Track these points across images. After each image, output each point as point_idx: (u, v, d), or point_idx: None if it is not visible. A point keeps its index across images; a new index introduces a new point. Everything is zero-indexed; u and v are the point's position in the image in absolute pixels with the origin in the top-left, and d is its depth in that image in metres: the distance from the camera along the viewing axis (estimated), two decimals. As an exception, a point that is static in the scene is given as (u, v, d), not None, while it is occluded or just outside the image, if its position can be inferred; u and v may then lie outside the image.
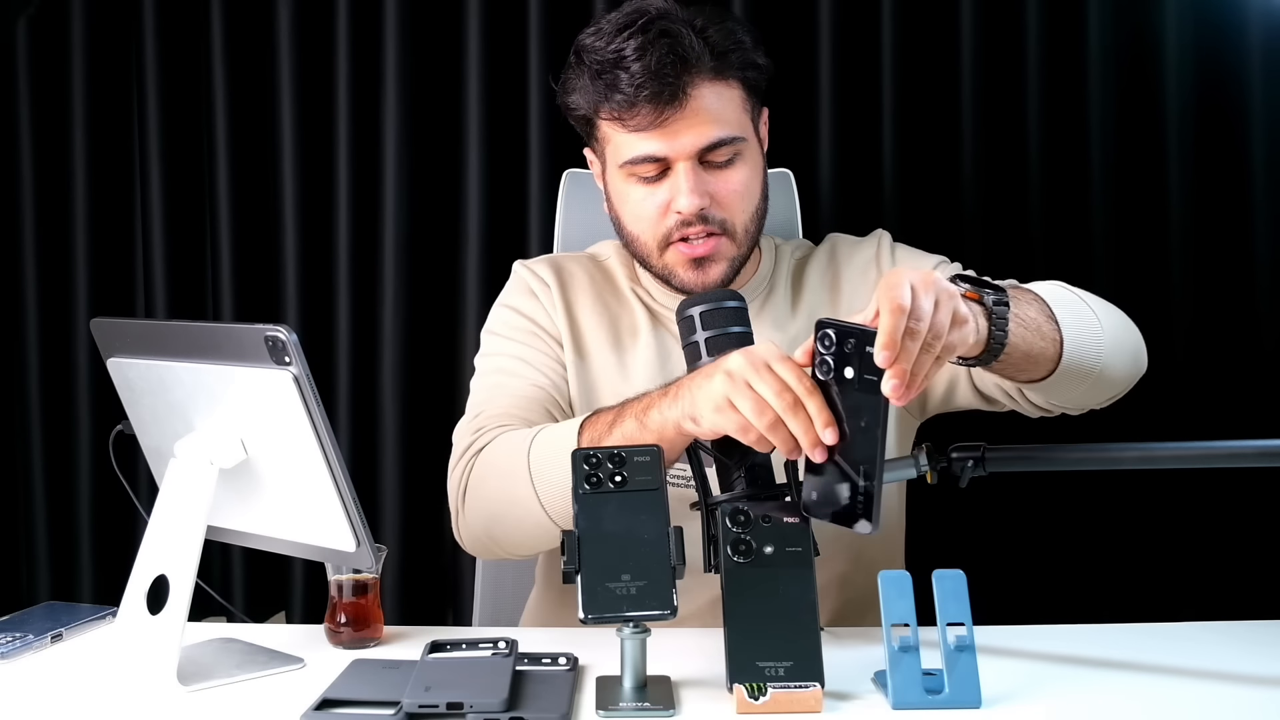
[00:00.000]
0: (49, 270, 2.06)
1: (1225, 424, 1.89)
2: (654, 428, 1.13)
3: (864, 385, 0.97)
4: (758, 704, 0.95)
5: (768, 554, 1.00)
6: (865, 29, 1.94)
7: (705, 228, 1.33)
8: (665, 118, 1.29)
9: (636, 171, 1.33)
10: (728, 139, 1.32)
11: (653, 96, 1.27)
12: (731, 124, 1.33)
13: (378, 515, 1.99)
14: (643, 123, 1.29)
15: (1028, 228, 1.94)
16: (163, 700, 1.05)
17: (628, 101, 1.29)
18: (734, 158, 1.34)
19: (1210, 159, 1.92)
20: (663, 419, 1.12)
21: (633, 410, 1.17)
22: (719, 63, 1.31)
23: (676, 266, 1.36)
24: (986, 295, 1.11)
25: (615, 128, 1.33)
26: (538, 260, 1.52)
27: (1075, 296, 1.28)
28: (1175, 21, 1.91)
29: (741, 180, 1.34)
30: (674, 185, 1.32)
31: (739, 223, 1.35)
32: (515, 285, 1.50)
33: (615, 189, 1.38)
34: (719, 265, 1.35)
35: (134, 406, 1.23)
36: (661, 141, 1.30)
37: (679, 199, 1.31)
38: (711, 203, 1.32)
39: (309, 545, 1.17)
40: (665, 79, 1.27)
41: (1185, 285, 1.93)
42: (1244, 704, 1.01)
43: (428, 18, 1.98)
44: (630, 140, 1.32)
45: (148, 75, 2.01)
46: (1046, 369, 1.21)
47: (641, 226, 1.36)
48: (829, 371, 1.00)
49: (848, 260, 1.47)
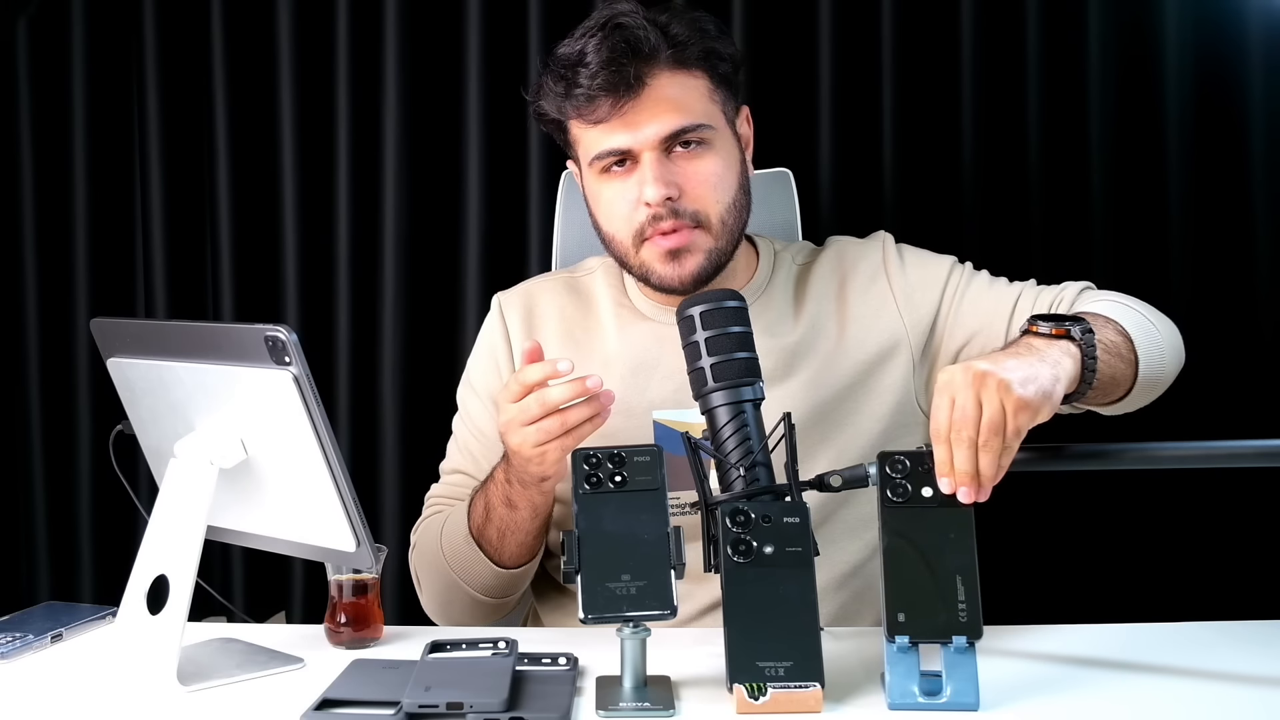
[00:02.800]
0: (49, 270, 2.06)
1: (1225, 424, 1.89)
2: (522, 503, 1.28)
3: (947, 501, 1.01)
4: (758, 704, 0.95)
5: (768, 554, 0.99)
6: (865, 29, 1.94)
7: (676, 221, 1.31)
8: (624, 107, 1.28)
9: (605, 166, 1.33)
10: (691, 126, 1.30)
11: (608, 86, 1.27)
12: (695, 112, 1.31)
13: (378, 515, 1.99)
14: (603, 114, 1.29)
15: (1028, 228, 1.94)
16: (163, 700, 1.05)
17: (586, 95, 1.29)
18: (701, 146, 1.32)
19: (1210, 159, 1.92)
20: (526, 495, 1.26)
21: (495, 496, 1.29)
22: (677, 51, 1.30)
23: (652, 262, 1.34)
24: (1073, 329, 1.13)
25: (581, 126, 1.33)
26: (511, 296, 1.50)
27: (1133, 310, 1.32)
28: (1175, 21, 1.91)
29: (711, 170, 1.32)
30: (640, 176, 1.31)
31: (713, 214, 1.32)
32: (482, 334, 1.50)
33: (591, 190, 1.37)
34: (694, 257, 1.32)
35: (134, 406, 1.23)
36: (624, 133, 1.30)
37: (645, 189, 1.30)
38: (680, 194, 1.30)
39: (309, 545, 1.17)
40: (620, 68, 1.27)
41: (1185, 285, 1.93)
42: (1244, 704, 1.01)
43: (428, 18, 1.98)
44: (595, 135, 1.32)
45: (148, 75, 2.01)
46: (1125, 390, 1.24)
47: (616, 225, 1.35)
48: (905, 495, 1.01)
49: (854, 267, 1.45)
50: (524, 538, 1.31)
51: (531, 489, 1.26)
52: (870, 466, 1.04)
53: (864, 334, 1.40)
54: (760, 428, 1.11)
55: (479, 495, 1.33)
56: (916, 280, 1.43)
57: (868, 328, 1.40)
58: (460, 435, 1.48)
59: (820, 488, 1.07)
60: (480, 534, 1.32)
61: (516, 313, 1.47)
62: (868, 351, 1.39)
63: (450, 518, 1.37)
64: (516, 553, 1.32)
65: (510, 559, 1.33)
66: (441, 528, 1.38)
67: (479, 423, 1.45)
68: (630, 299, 1.45)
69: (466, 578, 1.35)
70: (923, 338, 1.40)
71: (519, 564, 1.34)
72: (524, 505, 1.28)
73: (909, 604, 0.98)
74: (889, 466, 1.02)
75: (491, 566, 1.33)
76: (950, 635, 0.98)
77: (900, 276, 1.43)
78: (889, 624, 0.98)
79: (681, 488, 1.24)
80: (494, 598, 1.36)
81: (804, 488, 1.07)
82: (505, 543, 1.31)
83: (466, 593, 1.36)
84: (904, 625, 0.98)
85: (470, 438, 1.45)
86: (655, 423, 1.37)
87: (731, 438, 1.10)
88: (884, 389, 1.38)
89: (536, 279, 1.55)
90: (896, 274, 1.43)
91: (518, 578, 1.35)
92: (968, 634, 0.98)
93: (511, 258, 1.99)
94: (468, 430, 1.46)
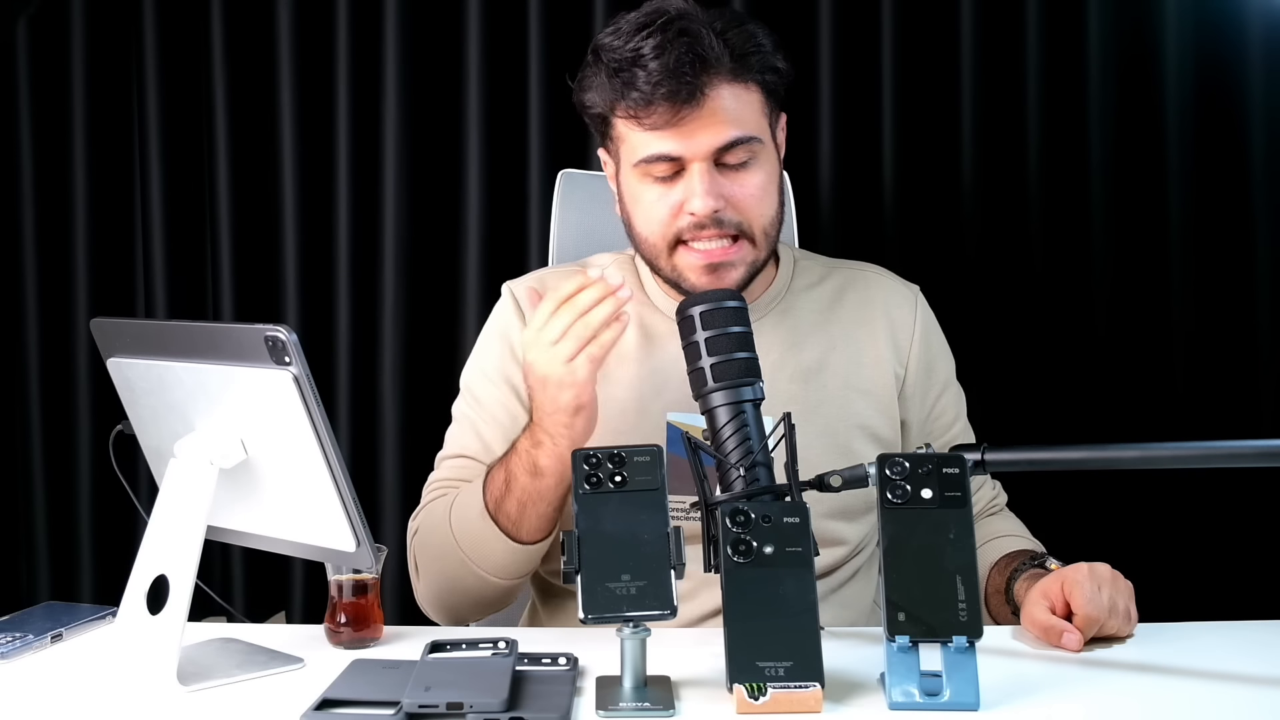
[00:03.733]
0: (49, 270, 2.06)
1: (1225, 424, 1.89)
2: (549, 468, 1.24)
3: (946, 502, 1.01)
4: (758, 704, 0.95)
5: (768, 554, 0.99)
6: (865, 30, 1.94)
7: (719, 231, 1.30)
8: (682, 117, 1.27)
9: (651, 171, 1.31)
10: (744, 139, 1.30)
11: (670, 95, 1.26)
12: (749, 125, 1.31)
13: (378, 515, 1.99)
14: (659, 121, 1.28)
15: (1028, 228, 1.94)
16: (163, 700, 1.05)
17: (644, 99, 1.27)
18: (750, 160, 1.31)
19: (1210, 159, 1.92)
20: (555, 452, 1.23)
21: (518, 466, 1.26)
22: (738, 65, 1.29)
23: (687, 270, 1.33)
24: None
25: (631, 126, 1.31)
26: (522, 284, 1.49)
27: None
28: (1175, 21, 1.91)
29: (758, 183, 1.32)
30: (688, 186, 1.30)
31: (757, 226, 1.32)
32: (493, 319, 1.49)
33: (628, 189, 1.36)
34: (736, 271, 1.32)
35: (134, 406, 1.23)
36: (677, 141, 1.28)
37: (693, 200, 1.29)
38: (727, 205, 1.30)
39: (309, 545, 1.17)
40: (683, 77, 1.26)
41: (1185, 285, 1.93)
42: (1244, 704, 1.01)
43: (428, 18, 1.98)
44: (645, 139, 1.30)
45: (148, 75, 2.01)
46: None
47: (652, 228, 1.34)
48: (905, 496, 1.01)
49: (891, 304, 1.47)
50: (545, 509, 1.28)
51: (563, 441, 1.22)
52: (870, 467, 1.04)
53: (875, 374, 1.43)
54: (760, 428, 1.11)
55: (497, 468, 1.30)
56: (931, 358, 1.47)
57: (882, 371, 1.43)
58: (466, 417, 1.45)
59: (820, 488, 1.07)
60: (498, 508, 1.28)
61: (529, 296, 1.46)
62: (871, 389, 1.42)
63: (460, 497, 1.34)
64: (536, 525, 1.28)
65: (529, 533, 1.29)
66: (450, 507, 1.34)
67: (489, 406, 1.42)
68: (649, 296, 1.44)
69: (477, 557, 1.31)
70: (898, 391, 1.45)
71: (536, 538, 1.30)
72: (551, 470, 1.24)
73: (909, 604, 0.98)
74: (888, 468, 1.02)
75: (507, 542, 1.29)
76: (950, 635, 0.98)
77: (923, 344, 1.47)
78: (889, 624, 0.98)
79: (689, 492, 1.24)
80: (504, 579, 1.32)
81: (804, 488, 1.07)
82: (525, 514, 1.27)
83: (475, 574, 1.31)
84: (904, 625, 0.98)
85: (479, 419, 1.43)
86: (669, 424, 1.36)
87: (731, 438, 1.10)
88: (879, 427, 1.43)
89: (547, 270, 1.55)
90: (919, 338, 1.46)
91: (531, 555, 1.31)
92: (968, 634, 0.98)
93: (511, 257, 1.99)
94: (476, 413, 1.43)
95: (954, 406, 1.49)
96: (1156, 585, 1.90)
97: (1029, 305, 1.95)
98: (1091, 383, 1.95)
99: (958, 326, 1.63)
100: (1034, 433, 1.92)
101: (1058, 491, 1.88)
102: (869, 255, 1.57)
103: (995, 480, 1.51)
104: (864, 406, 1.41)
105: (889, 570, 1.00)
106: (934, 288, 1.53)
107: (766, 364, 1.18)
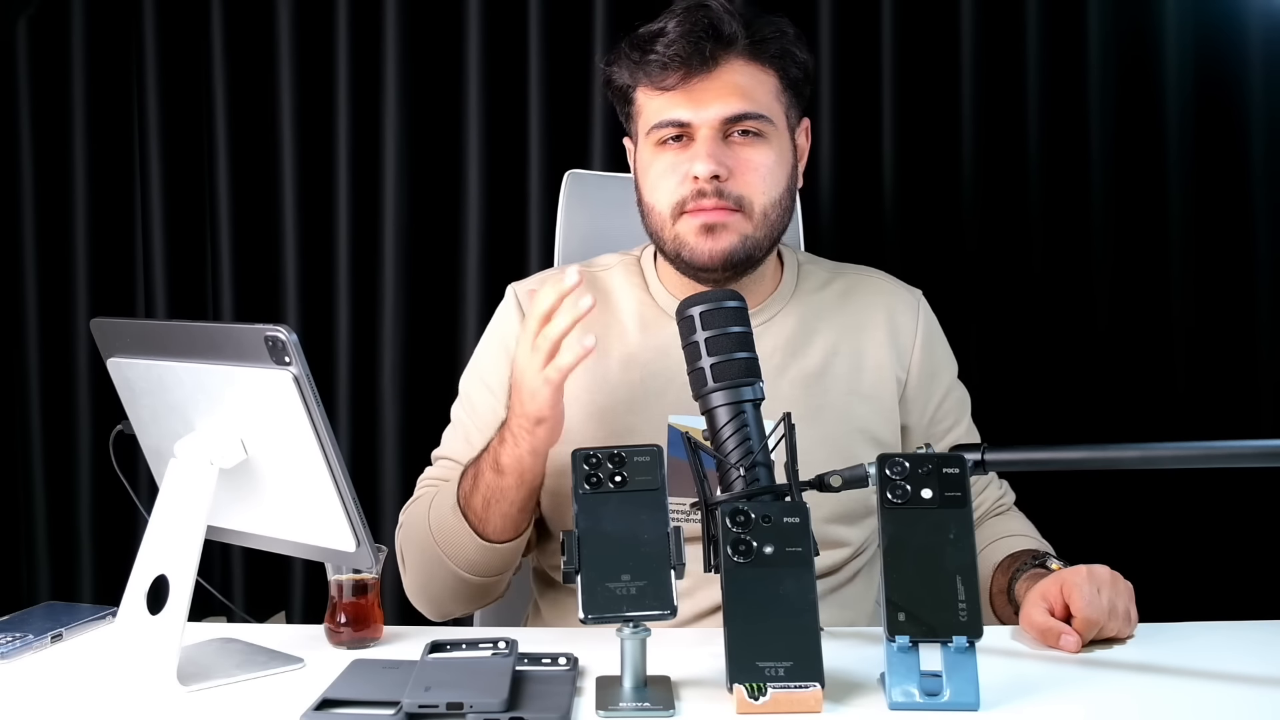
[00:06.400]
0: (49, 270, 2.06)
1: (1225, 424, 1.89)
2: (510, 467, 1.26)
3: (946, 502, 1.01)
4: (758, 704, 0.95)
5: (768, 554, 0.99)
6: (865, 30, 1.94)
7: (719, 201, 1.32)
8: (693, 82, 1.32)
9: (662, 136, 1.35)
10: (752, 114, 1.33)
11: (682, 56, 1.31)
12: (759, 103, 1.34)
13: (378, 515, 1.99)
14: (671, 83, 1.33)
15: (1028, 228, 1.95)
16: (163, 700, 1.05)
17: (660, 63, 1.33)
18: (757, 137, 1.34)
19: (1210, 159, 1.92)
20: (516, 453, 1.25)
21: (485, 462, 1.28)
22: (756, 46, 1.34)
23: (687, 235, 1.34)
24: None
25: (648, 94, 1.36)
26: (527, 286, 1.49)
27: None
28: (1175, 21, 1.91)
29: (763, 160, 1.34)
30: (694, 152, 1.33)
31: (756, 202, 1.34)
32: (494, 323, 1.49)
33: (642, 161, 1.39)
34: (730, 235, 1.33)
35: (134, 406, 1.23)
36: (687, 107, 1.32)
37: (695, 164, 1.32)
38: (729, 175, 1.32)
39: (309, 545, 1.17)
40: (698, 43, 1.31)
41: (1185, 285, 1.93)
42: (1244, 704, 1.01)
43: (428, 18, 1.98)
44: (659, 104, 1.34)
45: (148, 75, 2.01)
46: None
47: (658, 195, 1.35)
48: (905, 496, 1.01)
49: (894, 309, 1.47)
50: (508, 508, 1.28)
51: (524, 444, 1.24)
52: (870, 467, 1.04)
53: (877, 379, 1.43)
54: (760, 428, 1.11)
55: (471, 464, 1.32)
56: (933, 363, 1.47)
57: (884, 376, 1.43)
58: (461, 422, 1.46)
59: (820, 488, 1.07)
60: (467, 503, 1.30)
61: (530, 301, 1.46)
62: (873, 394, 1.42)
63: (440, 492, 1.36)
64: (500, 525, 1.29)
65: (494, 532, 1.30)
66: (431, 502, 1.36)
67: (482, 414, 1.43)
68: (653, 296, 1.44)
69: (450, 551, 1.32)
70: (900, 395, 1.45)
71: (503, 539, 1.30)
72: (511, 469, 1.26)
73: (909, 604, 0.98)
74: (888, 468, 1.03)
75: (475, 538, 1.30)
76: (950, 635, 0.98)
77: (925, 349, 1.46)
78: (889, 624, 0.98)
79: (689, 494, 1.24)
80: (476, 575, 1.33)
81: (804, 488, 1.07)
82: (490, 512, 1.29)
83: (449, 569, 1.33)
84: (904, 625, 0.98)
85: (472, 426, 1.44)
86: (670, 427, 1.36)
87: (731, 438, 1.10)
88: (880, 432, 1.42)
89: (552, 270, 1.55)
90: (922, 344, 1.46)
91: (502, 555, 1.31)
92: (968, 634, 0.98)
93: (512, 258, 2.00)
94: (469, 419, 1.45)
95: (955, 411, 1.49)
96: (1156, 585, 1.90)
97: (1029, 305, 1.95)
98: (1091, 382, 1.95)
99: (958, 327, 1.64)
100: (1034, 433, 1.92)
101: (1058, 491, 1.88)
102: (869, 255, 1.57)
103: (1003, 480, 1.51)
104: (865, 411, 1.41)
105: (889, 570, 1.00)
106: (934, 288, 1.53)
107: (769, 368, 1.18)
